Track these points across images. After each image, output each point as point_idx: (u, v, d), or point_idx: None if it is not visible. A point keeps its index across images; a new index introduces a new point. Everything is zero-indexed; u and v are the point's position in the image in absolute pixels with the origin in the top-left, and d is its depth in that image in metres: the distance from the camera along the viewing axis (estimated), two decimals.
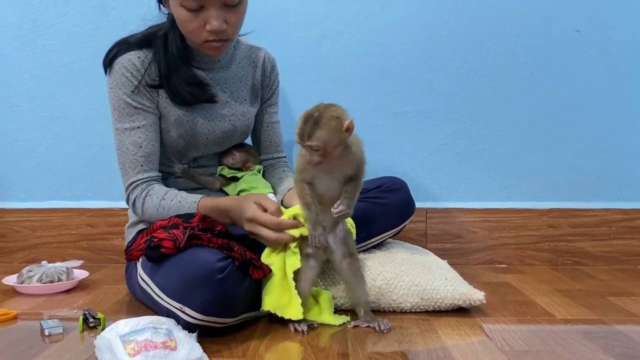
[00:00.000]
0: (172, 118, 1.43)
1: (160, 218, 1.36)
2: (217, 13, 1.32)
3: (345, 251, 1.28)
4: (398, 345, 1.14)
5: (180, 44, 1.43)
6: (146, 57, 1.42)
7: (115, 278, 1.72)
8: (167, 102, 1.43)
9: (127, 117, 1.40)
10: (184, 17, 1.34)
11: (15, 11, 1.91)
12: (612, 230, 1.94)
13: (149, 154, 1.41)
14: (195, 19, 1.33)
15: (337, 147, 1.15)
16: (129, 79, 1.40)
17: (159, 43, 1.43)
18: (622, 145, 1.95)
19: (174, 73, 1.41)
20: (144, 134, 1.41)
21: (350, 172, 1.20)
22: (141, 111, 1.41)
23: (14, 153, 1.95)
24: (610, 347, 1.12)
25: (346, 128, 1.13)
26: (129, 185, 1.42)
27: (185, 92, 1.41)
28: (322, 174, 1.21)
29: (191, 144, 1.47)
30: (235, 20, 1.37)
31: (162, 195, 1.38)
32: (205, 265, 1.13)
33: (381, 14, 1.92)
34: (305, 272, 1.26)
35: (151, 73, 1.42)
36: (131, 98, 1.40)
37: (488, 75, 1.94)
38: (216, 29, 1.33)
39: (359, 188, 1.22)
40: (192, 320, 1.12)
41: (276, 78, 1.62)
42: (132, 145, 1.40)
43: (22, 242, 1.95)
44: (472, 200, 1.96)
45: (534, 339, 1.17)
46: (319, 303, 1.31)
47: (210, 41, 1.36)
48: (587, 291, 1.58)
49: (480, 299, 1.34)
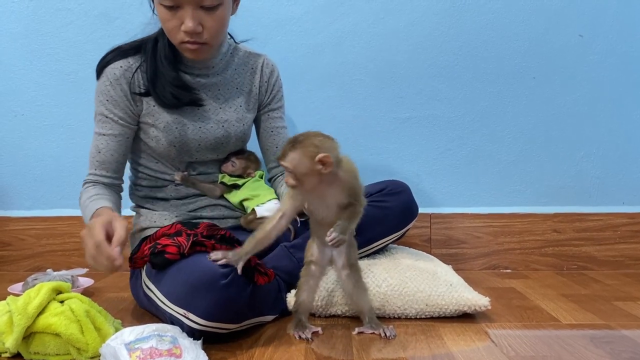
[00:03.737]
0: (162, 125, 1.44)
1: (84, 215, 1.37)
2: (193, 14, 1.32)
3: (344, 262, 1.27)
4: (403, 351, 1.14)
5: (169, 48, 1.44)
6: (130, 66, 1.43)
7: (119, 286, 1.72)
8: (155, 108, 1.44)
9: (99, 123, 1.45)
10: (163, 16, 1.35)
11: (20, 21, 1.93)
12: (617, 234, 1.94)
13: (103, 161, 1.44)
14: (172, 18, 1.34)
15: (307, 175, 1.12)
16: (107, 88, 1.43)
17: (149, 47, 1.44)
18: (626, 149, 1.95)
19: (160, 76, 1.42)
20: (106, 142, 1.44)
21: (343, 199, 1.17)
22: (111, 121, 1.43)
23: (19, 161, 1.96)
24: (617, 353, 1.11)
25: (319, 160, 1.10)
26: (84, 181, 1.46)
27: (168, 94, 1.42)
28: (314, 200, 1.20)
29: (183, 150, 1.47)
30: (212, 24, 1.35)
31: (88, 195, 1.40)
32: (209, 270, 1.13)
33: (384, 20, 1.92)
34: (307, 280, 1.26)
35: (137, 81, 1.43)
36: (105, 106, 1.43)
37: (491, 80, 1.94)
38: (189, 29, 1.32)
39: (357, 215, 1.19)
40: (196, 326, 1.13)
41: (277, 82, 1.61)
42: (94, 148, 1.45)
43: (27, 250, 1.96)
44: (476, 206, 1.96)
45: (540, 345, 1.16)
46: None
47: (185, 42, 1.36)
48: (593, 296, 1.57)
49: (485, 304, 1.34)
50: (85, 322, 1.08)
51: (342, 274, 1.27)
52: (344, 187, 1.17)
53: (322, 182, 1.15)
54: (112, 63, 1.43)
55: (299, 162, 1.12)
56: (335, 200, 1.18)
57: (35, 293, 1.11)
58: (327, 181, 1.15)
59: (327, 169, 1.12)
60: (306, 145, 1.12)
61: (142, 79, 1.44)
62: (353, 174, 1.19)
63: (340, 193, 1.17)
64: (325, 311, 1.38)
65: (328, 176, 1.14)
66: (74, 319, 1.08)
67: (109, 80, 1.42)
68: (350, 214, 1.17)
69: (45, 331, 1.07)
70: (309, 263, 1.27)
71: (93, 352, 1.07)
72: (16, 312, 1.07)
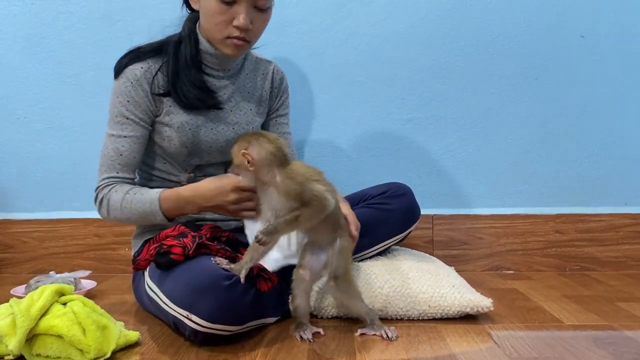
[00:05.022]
0: (176, 125, 1.44)
1: (124, 215, 1.36)
2: (247, 10, 1.36)
3: (329, 273, 1.24)
4: (405, 353, 1.13)
5: (194, 50, 1.44)
6: (150, 67, 1.43)
7: (122, 288, 1.72)
8: (172, 108, 1.44)
9: (118, 125, 1.42)
10: (214, 9, 1.36)
11: (22, 24, 1.93)
12: (620, 235, 1.93)
13: (126, 163, 1.42)
14: (225, 13, 1.36)
15: (240, 168, 1.23)
16: (127, 89, 1.41)
17: (170, 49, 1.44)
18: (629, 150, 1.94)
19: (183, 77, 1.42)
20: (128, 144, 1.42)
21: (284, 203, 1.18)
22: (132, 122, 1.42)
23: (21, 164, 1.96)
24: (620, 354, 1.11)
25: (242, 154, 1.20)
26: (99, 186, 1.41)
27: (192, 96, 1.42)
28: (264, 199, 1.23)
29: (194, 152, 1.47)
30: (259, 24, 1.41)
31: (127, 190, 1.38)
32: (212, 272, 1.14)
33: (385, 22, 1.93)
34: (297, 284, 1.25)
35: (157, 81, 1.43)
36: (125, 107, 1.41)
37: (493, 81, 1.94)
38: (243, 25, 1.35)
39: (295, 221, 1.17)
40: (199, 328, 1.13)
41: (285, 90, 1.63)
42: (114, 151, 1.41)
43: (30, 252, 1.96)
44: (478, 207, 1.96)
45: (543, 346, 1.16)
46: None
47: (232, 38, 1.38)
48: (596, 297, 1.57)
49: (487, 305, 1.34)
50: (88, 324, 1.08)
51: (327, 285, 1.26)
52: (280, 192, 1.18)
53: (262, 182, 1.21)
54: (131, 65, 1.42)
55: (234, 155, 1.24)
56: (276, 202, 1.19)
57: (38, 295, 1.11)
58: (268, 182, 1.20)
59: (251, 167, 1.20)
60: (242, 140, 1.22)
61: (162, 80, 1.44)
62: (295, 181, 1.18)
63: (278, 197, 1.19)
64: (327, 312, 1.38)
65: (266, 177, 1.20)
66: (76, 320, 1.08)
67: (129, 81, 1.41)
68: (289, 218, 1.17)
69: (48, 333, 1.07)
70: (298, 267, 1.26)
71: (95, 353, 1.07)
72: (19, 314, 1.07)
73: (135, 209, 1.35)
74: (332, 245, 1.25)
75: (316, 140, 1.94)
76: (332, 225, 1.24)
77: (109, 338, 1.10)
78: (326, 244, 1.25)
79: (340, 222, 1.27)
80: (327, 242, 1.25)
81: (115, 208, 1.37)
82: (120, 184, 1.40)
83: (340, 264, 1.24)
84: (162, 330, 1.28)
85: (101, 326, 1.10)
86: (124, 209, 1.36)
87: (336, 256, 1.24)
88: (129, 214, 1.36)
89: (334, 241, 1.25)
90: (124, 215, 1.37)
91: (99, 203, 1.40)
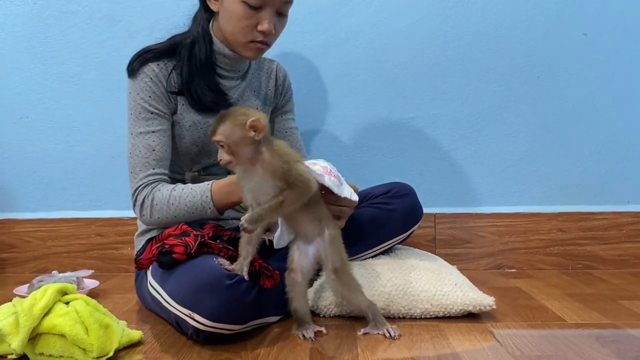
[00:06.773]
0: (188, 124, 1.45)
1: (171, 213, 1.35)
2: (271, 16, 1.39)
3: (328, 267, 1.22)
4: (408, 351, 1.13)
5: (209, 52, 1.46)
6: (165, 65, 1.44)
7: (125, 287, 1.72)
8: (184, 108, 1.45)
9: (143, 122, 1.41)
10: (240, 13, 1.38)
11: (24, 24, 1.94)
12: (623, 233, 1.93)
13: (161, 158, 1.41)
14: (251, 18, 1.38)
15: (240, 144, 1.10)
16: (147, 84, 1.42)
17: (184, 51, 1.45)
18: (631, 148, 1.94)
19: (197, 79, 1.44)
20: (158, 138, 1.41)
21: (271, 183, 1.13)
22: (157, 116, 1.42)
23: (24, 164, 1.97)
24: (623, 352, 1.11)
25: (250, 125, 1.09)
26: (138, 187, 1.39)
27: (208, 98, 1.44)
28: (246, 183, 1.16)
29: (204, 150, 1.48)
30: (279, 29, 1.45)
31: (172, 187, 1.37)
32: (214, 271, 1.14)
33: (387, 21, 1.93)
34: (291, 288, 1.23)
35: (172, 81, 1.44)
36: (148, 103, 1.42)
37: (495, 79, 1.93)
38: (268, 30, 1.39)
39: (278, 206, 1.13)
40: (201, 327, 1.13)
41: (289, 87, 1.66)
42: (145, 149, 1.40)
43: (33, 252, 1.96)
44: (481, 205, 1.96)
45: (545, 344, 1.16)
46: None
47: (256, 42, 1.41)
48: (598, 295, 1.57)
49: (490, 304, 1.34)
50: (90, 323, 1.08)
51: (328, 279, 1.24)
52: (266, 170, 1.13)
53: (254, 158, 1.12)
54: (147, 63, 1.43)
55: (231, 132, 1.10)
56: (258, 183, 1.13)
57: (40, 295, 1.11)
58: (255, 160, 1.12)
59: (259, 134, 1.10)
60: (235, 115, 1.11)
61: (176, 78, 1.45)
62: (282, 159, 1.13)
63: (263, 175, 1.13)
64: (329, 311, 1.38)
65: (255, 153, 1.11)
66: (78, 320, 1.09)
67: (148, 77, 1.42)
68: (273, 204, 1.13)
69: (51, 332, 1.08)
70: (288, 271, 1.24)
71: (98, 352, 1.07)
72: (22, 313, 1.07)
73: (184, 204, 1.35)
74: (320, 236, 1.22)
75: (318, 139, 1.94)
76: (314, 214, 1.21)
77: (112, 337, 1.10)
78: (313, 236, 1.22)
79: (323, 210, 1.24)
80: (314, 234, 1.22)
81: (160, 207, 1.36)
82: (161, 182, 1.39)
83: (336, 255, 1.21)
84: (165, 329, 1.29)
85: (104, 325, 1.11)
86: (170, 206, 1.35)
87: (329, 248, 1.21)
88: (176, 211, 1.35)
89: (321, 232, 1.22)
90: (170, 214, 1.36)
91: (140, 205, 1.39)
